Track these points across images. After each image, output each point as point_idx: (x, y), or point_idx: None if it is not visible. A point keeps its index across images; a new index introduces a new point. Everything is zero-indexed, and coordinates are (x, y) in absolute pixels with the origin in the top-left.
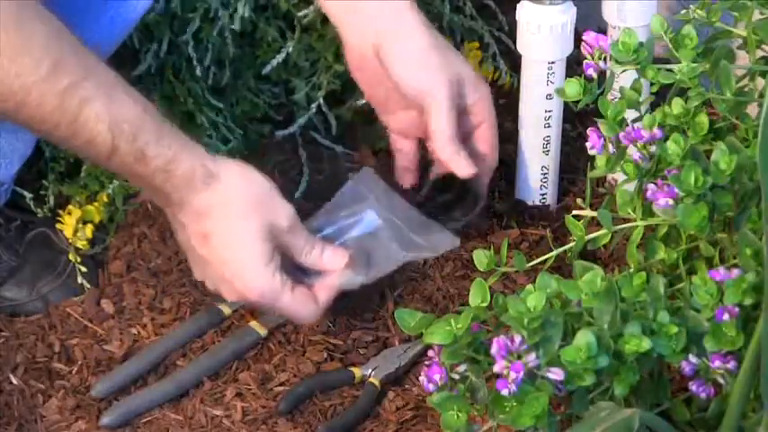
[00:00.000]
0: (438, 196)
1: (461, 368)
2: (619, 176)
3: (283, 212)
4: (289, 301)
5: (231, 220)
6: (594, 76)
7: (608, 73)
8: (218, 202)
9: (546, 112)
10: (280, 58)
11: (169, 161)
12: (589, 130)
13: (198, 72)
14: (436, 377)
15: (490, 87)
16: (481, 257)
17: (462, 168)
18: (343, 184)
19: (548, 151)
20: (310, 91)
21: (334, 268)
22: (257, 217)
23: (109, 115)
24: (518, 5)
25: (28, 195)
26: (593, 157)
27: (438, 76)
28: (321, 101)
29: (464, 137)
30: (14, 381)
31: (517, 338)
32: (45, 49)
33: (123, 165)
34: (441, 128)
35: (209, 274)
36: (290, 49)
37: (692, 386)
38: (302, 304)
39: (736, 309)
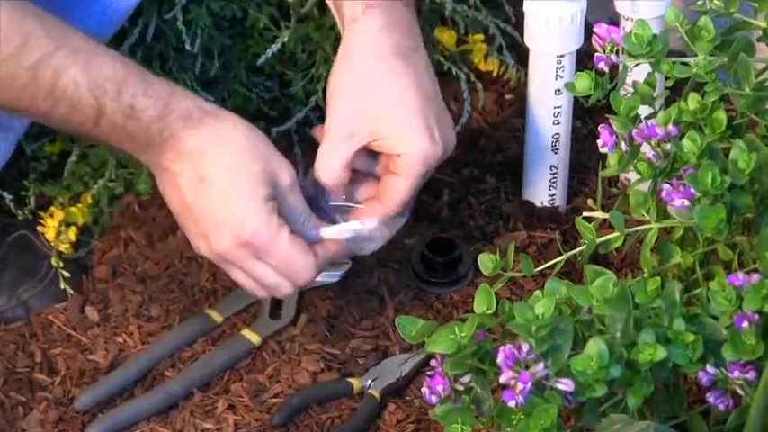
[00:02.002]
0: None
1: (466, 379)
2: (632, 176)
3: (285, 168)
4: (285, 246)
5: (229, 160)
6: (606, 70)
7: (620, 67)
8: (216, 141)
9: (555, 108)
10: (274, 48)
11: (163, 108)
12: (600, 128)
13: (187, 61)
14: (439, 388)
15: (496, 82)
16: (486, 262)
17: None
18: None
19: (557, 150)
20: (307, 84)
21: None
22: (257, 162)
23: (88, 79)
24: None
25: (7, 196)
26: (604, 156)
27: (347, 106)
28: (319, 95)
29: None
30: None
31: (525, 347)
32: (10, 28)
33: (114, 127)
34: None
35: (203, 229)
36: (285, 39)
37: (710, 397)
38: (299, 253)
39: (756, 316)
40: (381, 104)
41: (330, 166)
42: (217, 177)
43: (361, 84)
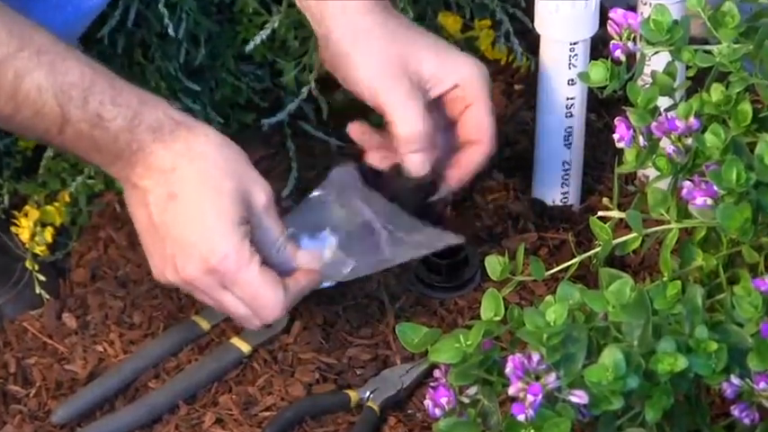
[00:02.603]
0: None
1: (472, 390)
2: (650, 173)
3: (261, 186)
4: (254, 277)
5: (201, 177)
6: (623, 58)
7: (638, 55)
8: (188, 155)
9: (568, 99)
10: (264, 34)
11: (132, 117)
12: (616, 121)
13: (171, 48)
14: (443, 401)
15: (504, 71)
16: (494, 264)
17: (413, 166)
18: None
19: (570, 144)
20: (300, 73)
21: (310, 267)
22: (231, 180)
23: (53, 83)
24: None
25: None
26: (621, 151)
27: (387, 75)
28: (312, 85)
29: (449, 126)
30: None
31: (535, 357)
32: None
33: (80, 135)
34: (399, 131)
35: (170, 251)
36: (276, 25)
37: (734, 411)
38: (268, 288)
39: None
40: (417, 51)
41: (413, 118)
42: (188, 194)
43: (388, 45)
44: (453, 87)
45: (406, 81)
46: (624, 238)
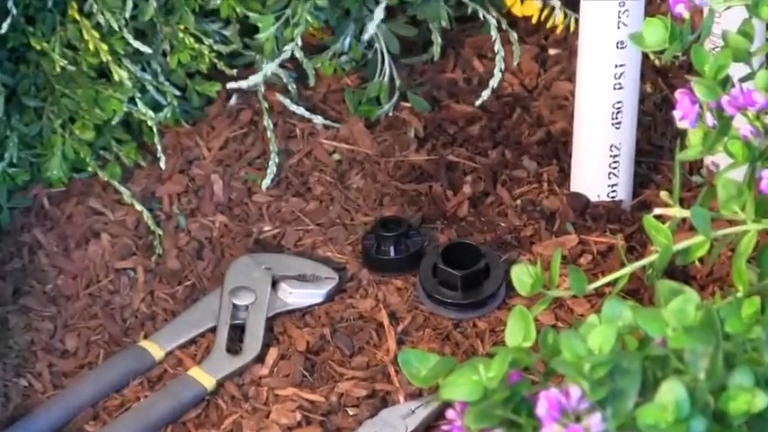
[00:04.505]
0: None
1: None
2: (721, 159)
3: None
4: None
5: None
6: (686, 15)
7: (705, 11)
8: None
9: (616, 67)
10: None
11: None
12: (678, 94)
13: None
14: None
15: (537, 32)
16: (523, 276)
17: None
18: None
19: (619, 124)
20: (279, 32)
21: None
22: None
23: None
24: None
25: None
26: (683, 133)
27: None
28: (296, 46)
29: None
30: None
31: (575, 393)
32: None
33: None
34: None
35: None
36: None
37: None
38: None
39: None
40: None
41: None
42: None
43: None
44: None
45: None
46: (688, 243)
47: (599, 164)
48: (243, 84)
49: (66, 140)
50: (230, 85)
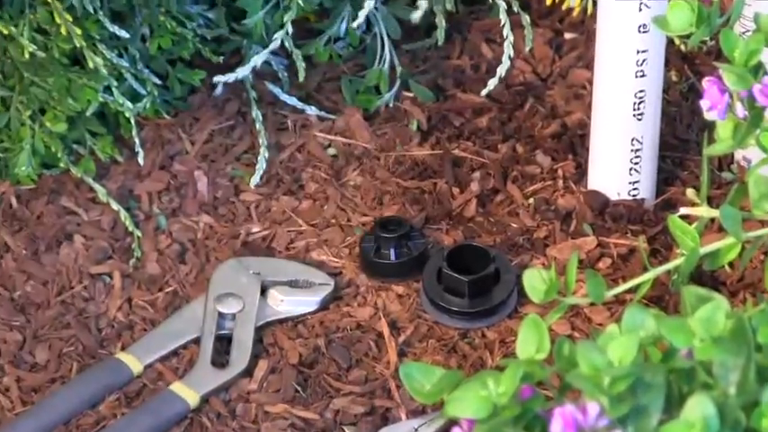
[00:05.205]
0: None
1: None
2: (753, 154)
3: None
4: None
5: None
6: None
7: None
8: None
9: (639, 53)
10: None
11: None
12: (706, 82)
13: None
14: None
15: (551, 14)
16: (536, 282)
17: None
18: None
19: (641, 115)
20: (268, 17)
21: None
22: None
23: None
24: None
25: None
26: (711, 125)
27: None
28: (286, 34)
29: None
30: None
31: (593, 409)
32: None
33: None
34: None
35: None
36: None
37: None
38: None
39: None
40: None
41: None
42: None
43: None
44: None
45: None
46: (716, 246)
47: (619, 159)
48: (230, 77)
49: (35, 133)
50: (216, 78)
